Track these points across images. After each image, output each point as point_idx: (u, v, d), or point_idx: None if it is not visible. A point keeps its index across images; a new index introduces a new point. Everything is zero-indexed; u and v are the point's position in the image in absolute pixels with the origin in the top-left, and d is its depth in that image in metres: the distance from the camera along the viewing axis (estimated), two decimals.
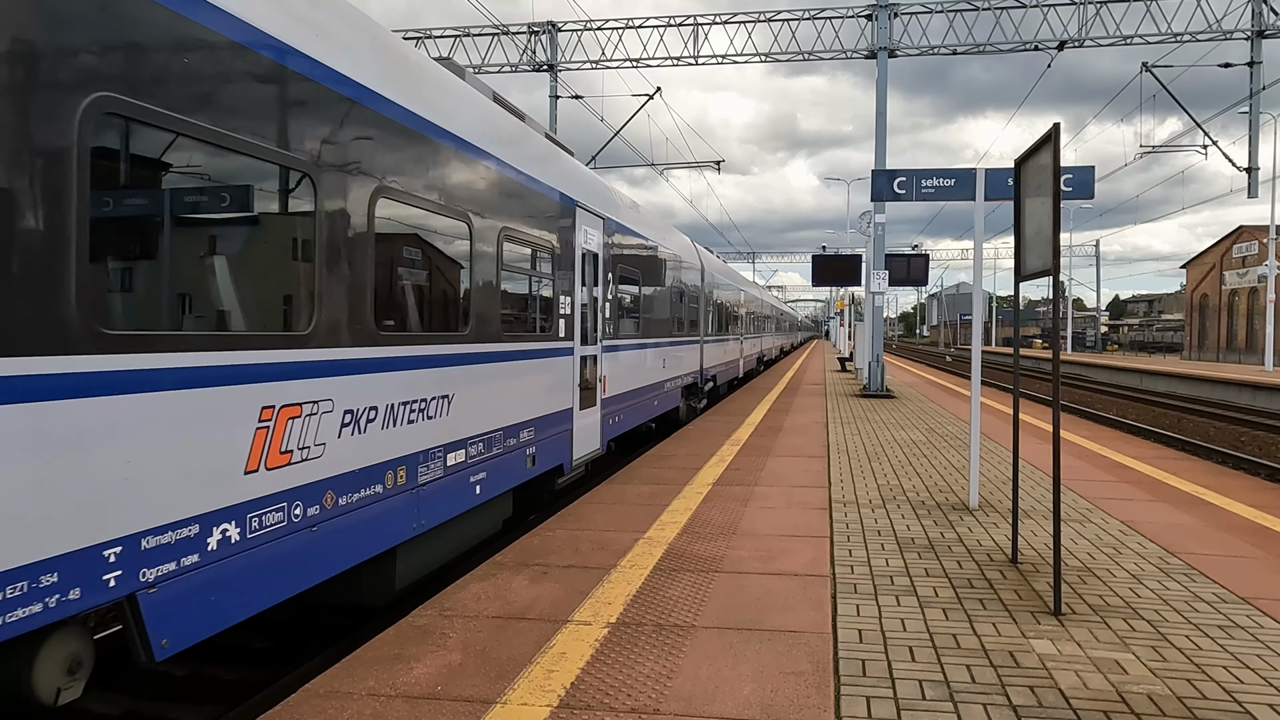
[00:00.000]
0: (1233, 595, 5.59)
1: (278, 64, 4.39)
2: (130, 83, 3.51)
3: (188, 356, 3.77)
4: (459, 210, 6.45)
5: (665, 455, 11.35)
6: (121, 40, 3.50)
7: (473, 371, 6.71)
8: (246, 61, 4.17)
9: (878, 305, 22.98)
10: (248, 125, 4.16)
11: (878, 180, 9.27)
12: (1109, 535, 7.20)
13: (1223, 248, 70.73)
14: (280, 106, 4.44)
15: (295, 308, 4.66)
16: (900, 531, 7.30)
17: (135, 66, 3.54)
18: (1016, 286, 6.62)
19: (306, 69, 4.60)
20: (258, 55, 4.24)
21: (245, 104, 4.17)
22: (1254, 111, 25.40)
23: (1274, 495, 9.09)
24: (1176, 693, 4.09)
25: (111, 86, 3.42)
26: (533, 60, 27.70)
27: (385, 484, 5.40)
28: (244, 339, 4.15)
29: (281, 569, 4.42)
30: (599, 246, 10.47)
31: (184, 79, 3.78)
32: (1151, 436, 19.22)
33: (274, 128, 4.38)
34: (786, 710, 3.83)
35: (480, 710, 3.83)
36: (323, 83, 4.75)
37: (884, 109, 22.32)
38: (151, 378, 3.58)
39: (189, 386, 3.78)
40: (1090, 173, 8.36)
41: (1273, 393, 29.80)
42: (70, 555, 3.24)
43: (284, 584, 4.46)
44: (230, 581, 4.04)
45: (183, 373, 3.74)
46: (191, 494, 3.81)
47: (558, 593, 5.50)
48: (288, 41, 4.46)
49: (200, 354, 3.84)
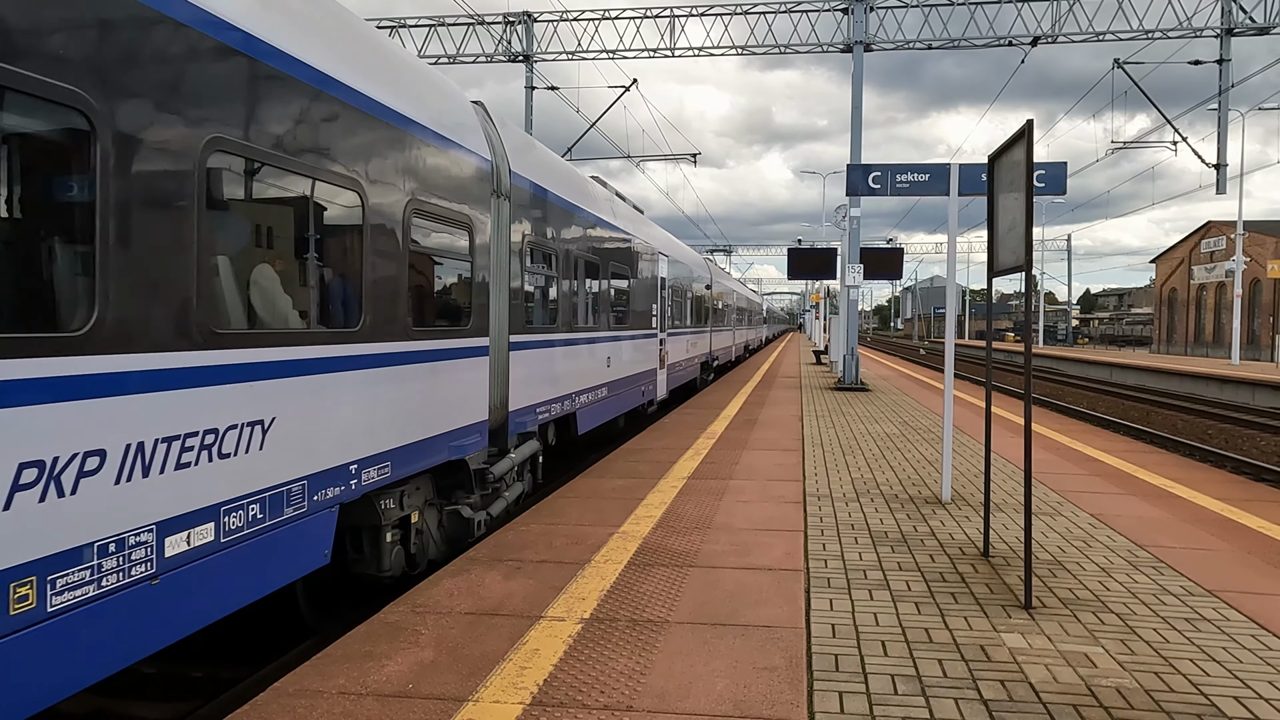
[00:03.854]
0: (1199, 588, 5.66)
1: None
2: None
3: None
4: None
5: (641, 449, 11.34)
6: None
7: (623, 344, 13.58)
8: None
9: (852, 299, 23.08)
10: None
11: (853, 174, 9.28)
12: (1079, 528, 7.27)
13: (1191, 243, 71.72)
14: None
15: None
16: (874, 525, 7.33)
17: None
18: (990, 281, 6.66)
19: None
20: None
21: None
22: (1222, 108, 25.71)
23: (1240, 488, 9.22)
24: (1144, 686, 4.13)
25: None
26: (508, 51, 27.53)
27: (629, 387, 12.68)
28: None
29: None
30: (666, 273, 17.93)
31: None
32: (1121, 430, 19.46)
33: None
34: (759, 706, 3.84)
35: (452, 708, 3.81)
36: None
37: (859, 103, 22.38)
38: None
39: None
40: (1062, 168, 8.42)
41: (1239, 386, 30.27)
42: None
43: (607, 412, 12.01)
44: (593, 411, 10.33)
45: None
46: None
47: (531, 588, 5.47)
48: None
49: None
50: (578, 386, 10.96)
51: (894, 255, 22.99)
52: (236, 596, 4.31)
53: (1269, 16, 23.88)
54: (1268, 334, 58.80)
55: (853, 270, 21.27)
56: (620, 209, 14.42)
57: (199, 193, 3.99)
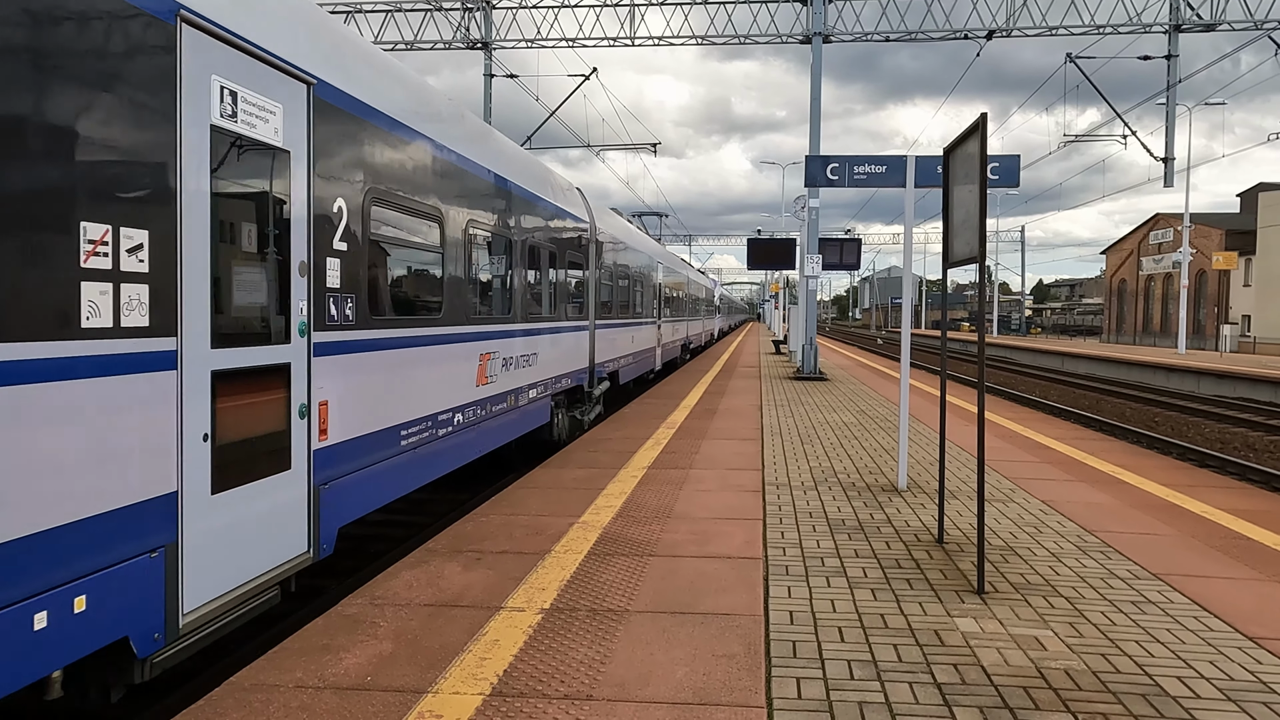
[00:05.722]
0: (1145, 572, 5.81)
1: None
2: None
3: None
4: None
5: (601, 439, 11.35)
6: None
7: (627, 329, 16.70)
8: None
9: (811, 289, 23.26)
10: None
11: (812, 165, 9.35)
12: (1030, 515, 7.42)
13: (1140, 234, 73.32)
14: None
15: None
16: (831, 513, 7.42)
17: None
18: (945, 272, 6.75)
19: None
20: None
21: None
22: (1170, 103, 26.29)
23: (1185, 474, 9.48)
24: (1092, 667, 4.24)
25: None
26: (467, 38, 27.25)
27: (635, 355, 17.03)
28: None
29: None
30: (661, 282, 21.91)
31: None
32: (1071, 417, 19.88)
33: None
34: (719, 692, 3.87)
35: (411, 700, 3.79)
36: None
37: (819, 94, 22.52)
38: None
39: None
40: (1016, 161, 8.55)
41: (1185, 375, 31.06)
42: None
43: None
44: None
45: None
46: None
47: (491, 579, 5.46)
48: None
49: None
50: (621, 353, 16.69)
51: (852, 245, 23.18)
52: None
53: (1215, 13, 24.43)
54: (1213, 324, 60.39)
55: (811, 260, 21.43)
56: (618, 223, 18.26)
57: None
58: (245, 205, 4.69)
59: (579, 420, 13.05)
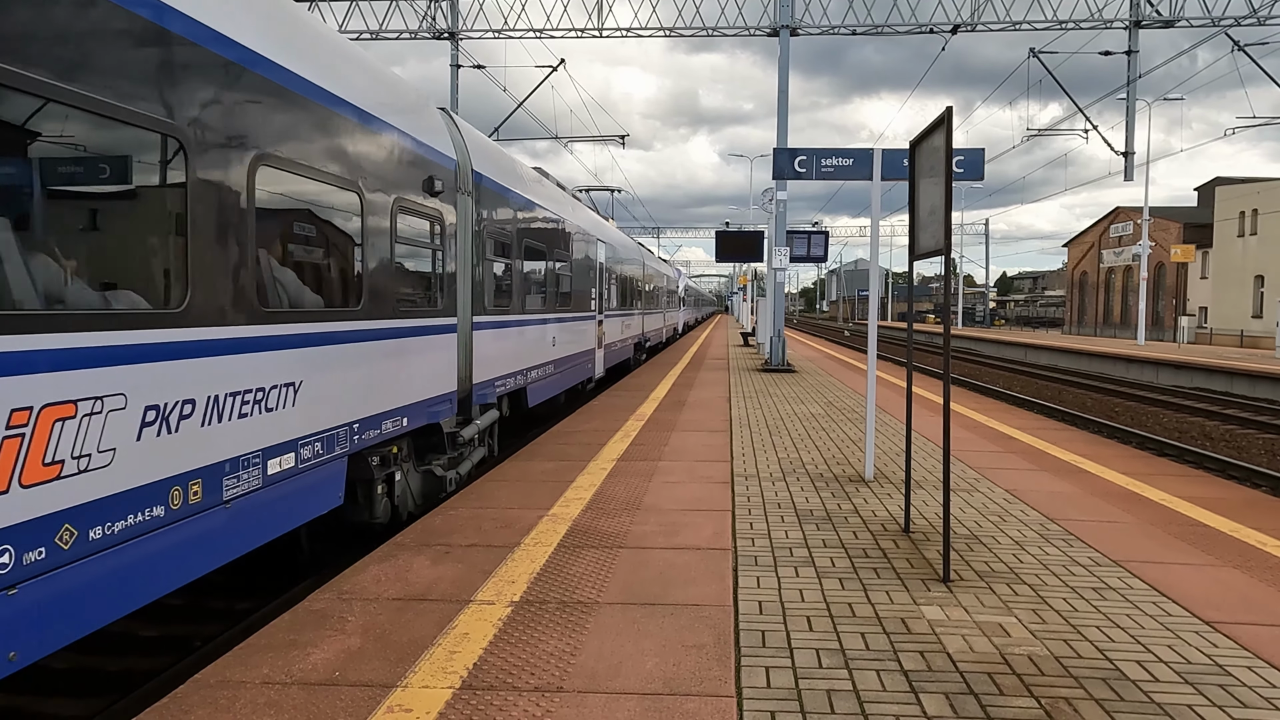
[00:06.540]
0: (1106, 559, 5.92)
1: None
2: None
3: None
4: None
5: (570, 431, 11.33)
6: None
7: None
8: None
9: (779, 281, 23.37)
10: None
11: (779, 158, 9.39)
12: (995, 504, 7.53)
13: (1101, 228, 74.45)
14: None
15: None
16: (799, 504, 7.48)
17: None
18: (911, 264, 6.81)
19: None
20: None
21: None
22: (1131, 98, 26.69)
23: (1145, 463, 9.66)
24: (1054, 653, 4.32)
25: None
26: (433, 27, 26.98)
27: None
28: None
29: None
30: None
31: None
32: (1034, 408, 20.18)
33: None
34: (689, 683, 3.89)
35: (380, 695, 3.77)
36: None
37: (786, 87, 22.59)
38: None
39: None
40: (980, 155, 8.65)
41: (1144, 365, 31.64)
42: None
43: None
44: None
45: None
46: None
47: (460, 573, 5.44)
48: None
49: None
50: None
51: (819, 238, 23.31)
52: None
53: (1174, 10, 24.84)
54: (1171, 316, 61.52)
55: (779, 253, 21.54)
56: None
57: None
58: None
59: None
